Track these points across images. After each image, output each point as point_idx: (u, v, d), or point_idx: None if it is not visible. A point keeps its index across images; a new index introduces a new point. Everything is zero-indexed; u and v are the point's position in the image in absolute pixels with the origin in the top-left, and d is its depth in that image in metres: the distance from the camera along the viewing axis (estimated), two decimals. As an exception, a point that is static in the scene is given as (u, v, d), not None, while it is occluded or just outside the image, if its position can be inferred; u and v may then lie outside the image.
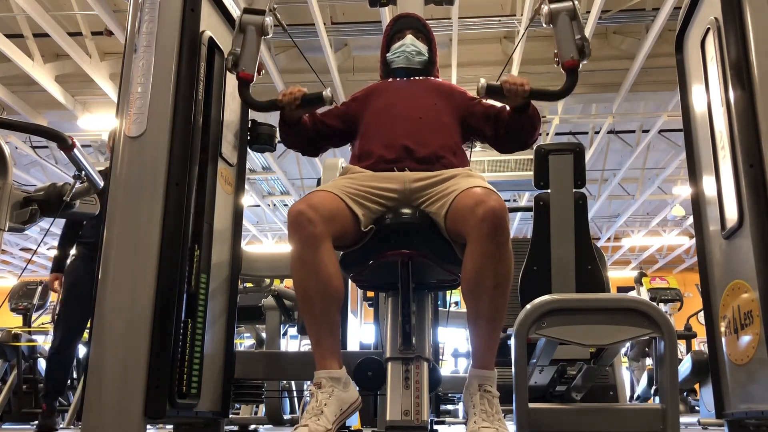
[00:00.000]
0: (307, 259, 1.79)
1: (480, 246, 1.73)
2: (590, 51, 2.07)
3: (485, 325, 1.80)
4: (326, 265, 1.79)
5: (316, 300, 1.80)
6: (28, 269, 15.26)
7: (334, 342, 1.84)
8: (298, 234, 1.79)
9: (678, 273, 15.11)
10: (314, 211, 1.78)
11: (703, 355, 4.51)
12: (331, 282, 1.80)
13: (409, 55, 2.34)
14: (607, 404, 2.70)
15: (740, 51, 2.10)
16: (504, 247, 1.75)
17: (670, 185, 11.05)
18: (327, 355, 1.81)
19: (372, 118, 2.21)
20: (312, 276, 1.79)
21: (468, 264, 1.77)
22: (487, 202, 1.73)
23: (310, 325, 1.84)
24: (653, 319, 1.95)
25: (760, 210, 1.98)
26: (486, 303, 1.77)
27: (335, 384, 1.78)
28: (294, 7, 6.65)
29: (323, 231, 1.78)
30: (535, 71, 7.19)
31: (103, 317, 1.90)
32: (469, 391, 1.79)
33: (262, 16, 2.24)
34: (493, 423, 1.70)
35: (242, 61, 2.19)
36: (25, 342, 4.96)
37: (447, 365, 7.93)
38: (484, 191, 1.78)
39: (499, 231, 1.72)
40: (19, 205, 2.93)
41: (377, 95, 2.29)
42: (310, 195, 1.90)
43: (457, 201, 1.83)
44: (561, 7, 2.10)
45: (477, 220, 1.72)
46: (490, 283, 1.75)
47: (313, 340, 1.84)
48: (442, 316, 3.04)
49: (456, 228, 1.84)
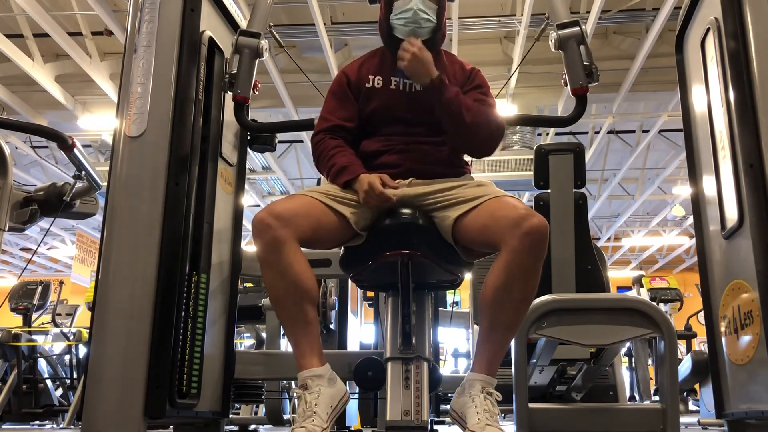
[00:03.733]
0: (272, 262, 1.79)
1: (517, 259, 1.73)
2: (599, 76, 2.13)
3: (502, 334, 1.82)
4: (292, 266, 1.79)
5: (287, 301, 1.80)
6: (28, 269, 15.26)
7: (312, 340, 1.83)
8: (259, 240, 1.79)
9: (678, 273, 15.11)
10: (273, 217, 1.78)
11: (703, 355, 4.50)
12: (300, 281, 1.80)
13: (416, 26, 2.04)
14: (607, 404, 2.70)
15: (740, 51, 2.10)
16: (540, 263, 1.77)
17: (670, 185, 11.05)
18: (306, 354, 1.81)
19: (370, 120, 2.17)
20: (279, 278, 1.79)
21: (498, 274, 1.77)
22: (532, 218, 1.73)
23: (286, 326, 1.85)
24: (653, 319, 1.95)
25: (760, 210, 1.98)
26: (509, 314, 1.79)
27: (320, 382, 1.77)
28: (294, 7, 6.65)
29: (285, 234, 1.78)
30: (535, 71, 7.20)
31: (104, 317, 1.90)
32: (469, 392, 1.78)
33: (257, 39, 2.26)
34: (496, 423, 1.70)
35: (238, 83, 2.22)
36: (25, 342, 4.95)
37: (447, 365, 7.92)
38: (525, 206, 1.80)
39: (542, 249, 1.75)
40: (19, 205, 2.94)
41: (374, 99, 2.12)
42: (276, 201, 1.90)
43: (488, 209, 1.82)
44: (569, 34, 2.15)
45: (521, 233, 1.72)
46: (519, 296, 1.77)
47: (291, 342, 1.84)
48: (443, 316, 3.04)
49: (482, 235, 1.82)
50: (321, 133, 2.08)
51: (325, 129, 2.08)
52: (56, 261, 15.45)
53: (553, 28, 2.21)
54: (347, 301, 4.06)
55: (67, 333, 5.76)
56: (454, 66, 2.16)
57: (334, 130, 2.07)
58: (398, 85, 2.07)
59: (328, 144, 2.04)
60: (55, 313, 6.47)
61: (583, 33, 2.14)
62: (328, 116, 2.10)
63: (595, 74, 2.11)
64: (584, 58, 2.13)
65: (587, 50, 2.13)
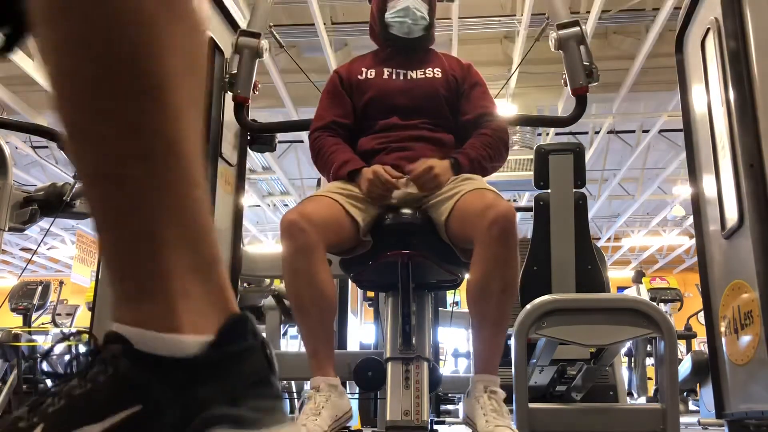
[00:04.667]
0: (301, 269, 1.78)
1: (489, 250, 1.72)
2: (599, 76, 2.14)
3: (490, 329, 1.79)
4: (320, 274, 1.78)
5: (312, 310, 1.80)
6: (28, 269, 15.26)
7: (330, 350, 1.84)
8: (290, 243, 1.77)
9: (678, 273, 15.11)
10: (306, 221, 1.76)
11: (703, 355, 4.51)
12: (326, 291, 1.79)
13: (412, 22, 2.11)
14: (607, 404, 2.70)
15: (740, 51, 2.10)
16: (513, 251, 1.74)
17: (670, 185, 11.05)
18: (324, 365, 1.81)
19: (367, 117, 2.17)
20: (306, 286, 1.78)
21: (475, 268, 1.76)
22: (496, 206, 1.71)
23: (306, 334, 1.84)
24: (653, 319, 1.95)
25: (760, 210, 1.99)
26: (493, 308, 1.77)
27: (332, 390, 1.77)
28: (294, 7, 6.65)
29: (316, 240, 1.76)
30: (535, 71, 7.20)
31: (104, 317, 1.90)
32: (474, 395, 1.76)
33: (257, 39, 2.26)
34: (505, 421, 1.69)
35: (238, 83, 2.22)
36: (25, 342, 4.95)
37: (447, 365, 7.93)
38: (493, 195, 1.77)
39: (509, 235, 1.72)
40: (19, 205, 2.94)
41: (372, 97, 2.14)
42: (304, 202, 1.88)
43: (463, 204, 1.82)
44: (569, 34, 2.15)
45: (486, 223, 1.70)
46: (498, 288, 1.74)
47: (309, 349, 1.84)
48: (443, 316, 3.04)
49: (461, 231, 1.83)
50: (317, 131, 2.09)
51: (321, 127, 2.09)
52: (56, 261, 15.46)
53: (553, 28, 2.21)
54: (347, 301, 4.06)
55: (67, 333, 5.76)
56: (448, 58, 2.19)
57: (329, 127, 2.08)
58: (391, 74, 2.08)
59: (326, 141, 2.05)
60: (55, 313, 6.47)
61: (583, 33, 2.15)
62: (323, 113, 2.11)
63: (595, 74, 2.12)
64: (584, 58, 2.13)
65: (587, 50, 2.14)
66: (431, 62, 2.14)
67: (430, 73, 2.10)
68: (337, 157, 2.00)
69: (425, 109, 2.05)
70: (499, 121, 2.08)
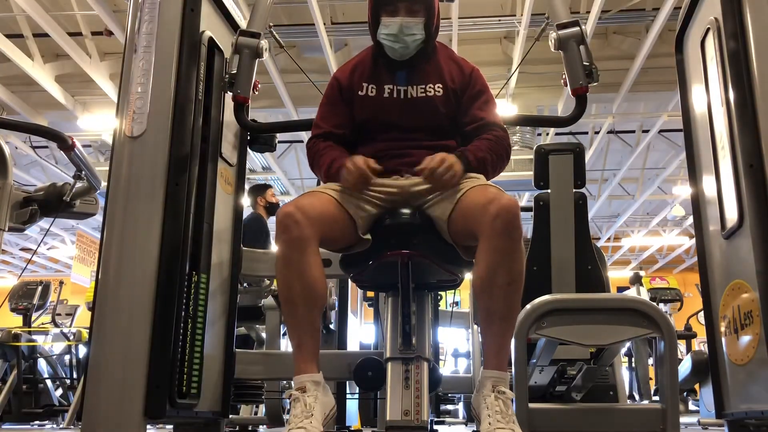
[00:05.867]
0: (293, 262, 1.78)
1: (493, 243, 1.72)
2: (598, 76, 2.13)
3: (498, 323, 1.79)
4: (311, 268, 1.79)
5: (300, 303, 1.80)
6: (28, 269, 15.26)
7: (315, 346, 1.84)
8: (284, 236, 1.78)
9: (678, 273, 15.11)
10: (302, 213, 1.77)
11: (703, 355, 4.50)
12: (316, 286, 1.80)
13: (402, 45, 2.03)
14: (607, 404, 2.70)
15: (740, 51, 2.10)
16: (518, 244, 1.75)
17: (670, 185, 11.05)
18: (308, 360, 1.80)
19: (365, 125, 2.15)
20: (297, 279, 1.79)
21: (481, 262, 1.76)
22: (499, 200, 1.72)
23: (292, 327, 1.84)
24: (653, 319, 1.95)
25: (760, 210, 1.98)
26: (500, 301, 1.76)
27: (318, 389, 1.77)
28: (294, 7, 6.65)
29: (310, 234, 1.77)
30: (535, 71, 7.20)
31: (104, 317, 1.90)
32: (481, 393, 1.76)
33: (257, 39, 2.27)
34: (508, 424, 1.68)
35: (238, 83, 2.22)
36: (25, 342, 4.95)
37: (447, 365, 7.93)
38: (496, 190, 1.78)
39: (513, 228, 1.72)
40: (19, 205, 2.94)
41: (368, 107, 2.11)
42: (301, 196, 1.90)
43: (466, 200, 1.82)
44: (569, 34, 2.15)
45: (490, 217, 1.71)
46: (504, 281, 1.74)
47: (294, 343, 1.84)
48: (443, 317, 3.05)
49: (465, 227, 1.83)
50: (314, 139, 2.12)
51: (318, 135, 2.12)
52: (56, 261, 15.46)
53: (553, 28, 2.21)
54: (347, 301, 4.06)
55: (67, 333, 5.76)
56: (450, 66, 2.12)
57: (326, 136, 2.10)
58: (392, 92, 2.07)
59: (319, 146, 2.08)
60: (55, 313, 6.47)
61: (583, 33, 2.15)
62: (321, 123, 2.13)
63: (595, 74, 2.12)
64: (584, 58, 2.14)
65: (587, 50, 2.14)
66: (432, 75, 2.08)
67: (431, 90, 2.06)
68: (328, 157, 2.02)
69: (424, 126, 2.05)
70: (502, 130, 2.08)
